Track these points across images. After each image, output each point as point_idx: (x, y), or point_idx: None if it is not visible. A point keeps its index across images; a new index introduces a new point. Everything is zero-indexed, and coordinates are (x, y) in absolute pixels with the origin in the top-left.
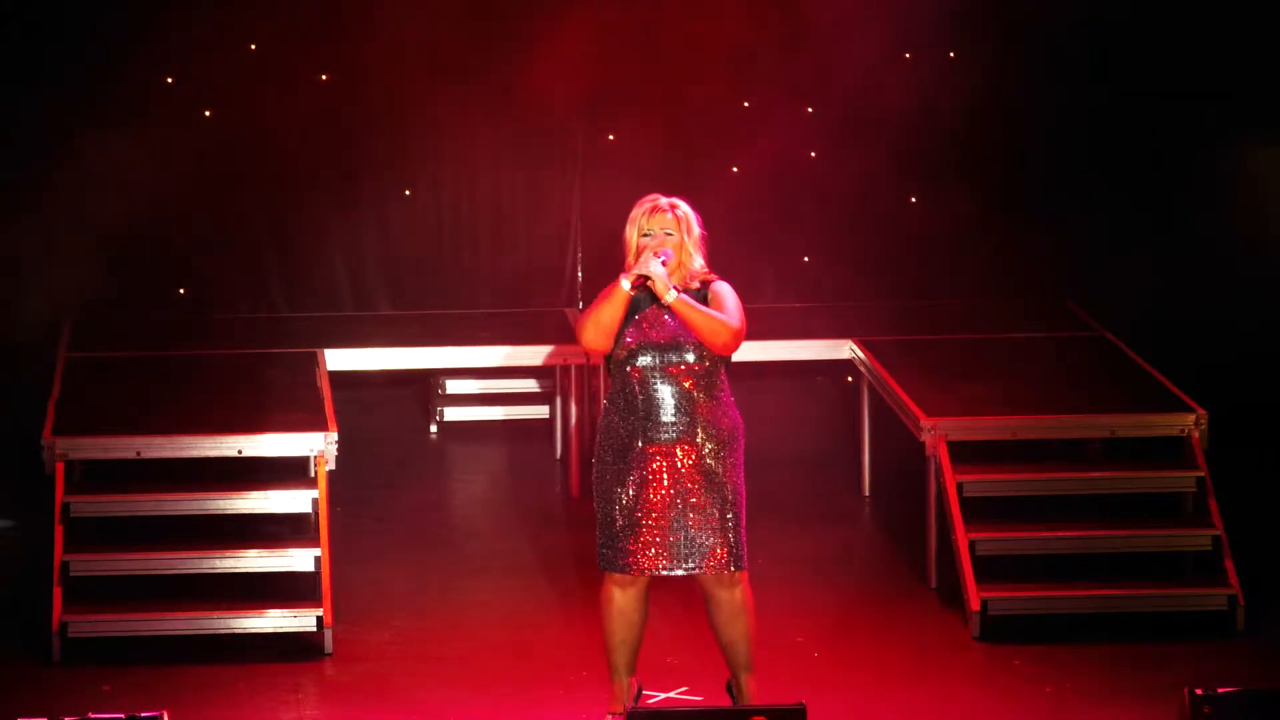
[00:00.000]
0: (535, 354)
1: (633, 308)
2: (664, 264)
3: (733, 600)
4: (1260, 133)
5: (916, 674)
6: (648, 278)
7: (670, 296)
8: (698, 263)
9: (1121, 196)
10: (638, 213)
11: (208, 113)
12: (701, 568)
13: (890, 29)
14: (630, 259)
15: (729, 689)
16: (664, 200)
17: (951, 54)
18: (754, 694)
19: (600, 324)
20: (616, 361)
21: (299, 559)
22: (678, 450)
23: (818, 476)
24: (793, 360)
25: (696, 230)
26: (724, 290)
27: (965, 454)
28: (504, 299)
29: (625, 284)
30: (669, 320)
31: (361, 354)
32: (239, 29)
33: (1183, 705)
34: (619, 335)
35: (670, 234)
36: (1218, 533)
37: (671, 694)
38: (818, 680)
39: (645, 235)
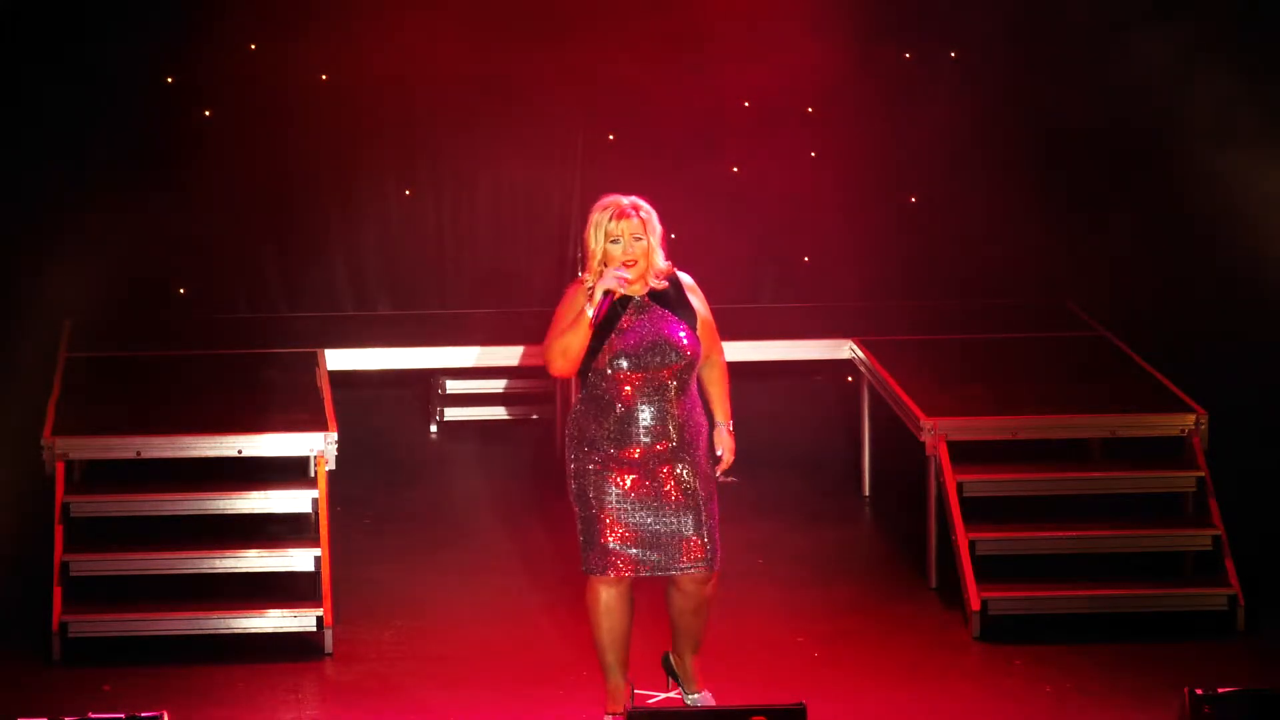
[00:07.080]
0: (536, 354)
1: (610, 317)
2: (628, 274)
3: (702, 594)
4: (1261, 131)
5: (916, 674)
6: (611, 293)
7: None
8: (661, 261)
9: (1121, 196)
10: (600, 217)
11: (208, 113)
12: (682, 569)
13: (889, 29)
14: (594, 264)
15: (665, 662)
16: (626, 201)
17: (952, 54)
18: (698, 673)
19: (569, 355)
20: (596, 369)
21: (299, 559)
22: (654, 451)
23: (818, 476)
24: (793, 360)
25: (658, 229)
26: (697, 291)
27: (965, 454)
28: (504, 299)
29: (590, 312)
30: (646, 322)
31: (361, 354)
32: (239, 29)
33: (1183, 705)
34: (600, 343)
35: (640, 239)
36: (1218, 533)
37: (671, 694)
38: (818, 680)
39: (613, 241)
